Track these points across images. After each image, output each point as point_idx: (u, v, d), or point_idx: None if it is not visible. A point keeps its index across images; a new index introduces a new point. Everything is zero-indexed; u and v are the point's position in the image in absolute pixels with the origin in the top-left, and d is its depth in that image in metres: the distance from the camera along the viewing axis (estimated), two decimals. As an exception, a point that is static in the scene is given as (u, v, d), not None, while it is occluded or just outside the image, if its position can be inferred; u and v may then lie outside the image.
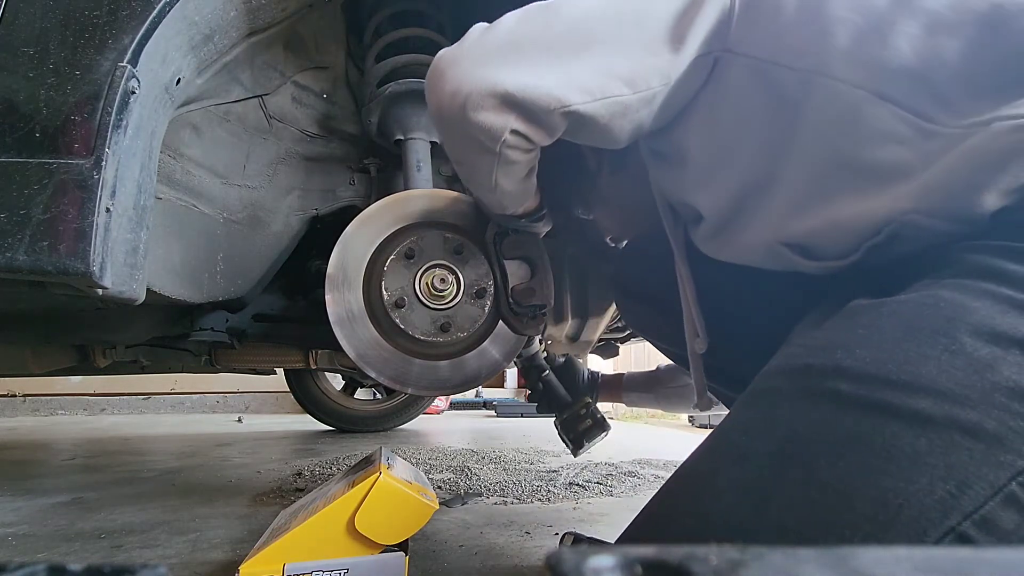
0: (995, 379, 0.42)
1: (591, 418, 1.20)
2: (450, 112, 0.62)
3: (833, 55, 0.54)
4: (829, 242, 0.60)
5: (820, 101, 0.55)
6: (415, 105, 1.13)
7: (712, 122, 0.65)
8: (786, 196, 0.60)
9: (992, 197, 0.51)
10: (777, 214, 0.62)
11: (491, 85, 0.59)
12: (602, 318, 1.59)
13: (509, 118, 0.61)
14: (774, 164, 0.60)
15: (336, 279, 0.92)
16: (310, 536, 0.85)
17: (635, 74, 0.60)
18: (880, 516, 0.40)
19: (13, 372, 1.87)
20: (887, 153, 0.53)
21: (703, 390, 0.86)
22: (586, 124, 0.62)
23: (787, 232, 0.62)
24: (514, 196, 0.79)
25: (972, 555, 0.16)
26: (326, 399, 3.10)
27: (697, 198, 0.71)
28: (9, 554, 1.10)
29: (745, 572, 0.15)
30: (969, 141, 0.49)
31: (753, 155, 0.62)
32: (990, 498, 0.39)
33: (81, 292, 0.69)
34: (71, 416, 4.50)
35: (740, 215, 0.66)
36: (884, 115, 0.52)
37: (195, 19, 0.78)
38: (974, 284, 0.48)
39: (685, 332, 0.84)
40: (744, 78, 0.60)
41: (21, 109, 0.67)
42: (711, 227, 0.71)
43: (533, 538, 1.20)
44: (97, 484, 1.75)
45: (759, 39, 0.59)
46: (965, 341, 0.44)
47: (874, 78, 0.52)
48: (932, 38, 0.51)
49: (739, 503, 0.45)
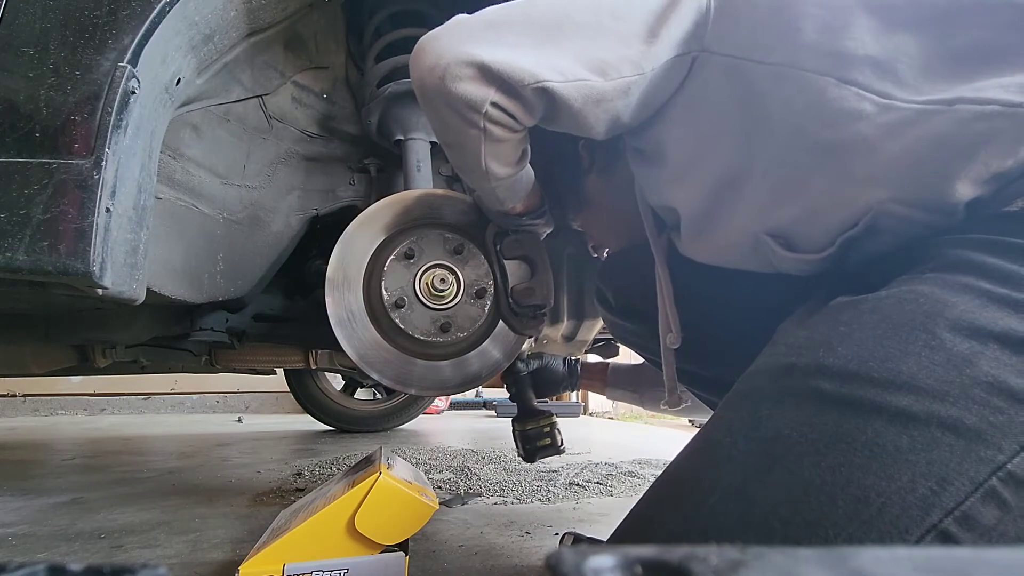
0: (974, 374, 0.42)
1: (550, 438, 1.21)
2: (431, 84, 0.64)
3: (801, 48, 0.57)
4: (810, 230, 0.61)
5: (789, 91, 0.57)
6: (415, 105, 1.13)
7: (689, 119, 0.66)
8: (763, 185, 0.62)
9: (964, 186, 0.51)
10: (757, 204, 0.63)
11: (467, 56, 0.61)
12: (598, 319, 1.59)
13: (489, 90, 0.62)
14: (749, 155, 0.62)
15: (336, 279, 0.92)
16: (310, 536, 0.85)
17: (607, 62, 0.62)
18: (862, 514, 0.40)
19: (13, 372, 1.88)
20: (849, 131, 0.54)
21: (673, 386, 0.87)
22: (560, 107, 0.64)
23: (769, 221, 0.63)
24: (509, 188, 0.79)
25: (972, 555, 0.16)
26: (326, 399, 3.10)
27: (674, 195, 0.73)
28: (9, 554, 1.10)
29: (745, 572, 0.15)
30: (933, 123, 0.51)
31: (728, 148, 0.64)
32: (970, 494, 0.40)
33: (81, 292, 0.69)
34: (71, 416, 4.50)
35: (719, 208, 0.67)
36: (847, 95, 0.54)
37: (195, 19, 0.78)
38: (952, 278, 0.48)
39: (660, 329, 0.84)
40: (720, 75, 0.62)
41: (21, 109, 0.67)
42: (691, 225, 0.72)
43: (533, 538, 1.20)
44: (97, 484, 1.75)
45: (734, 38, 0.61)
46: (944, 336, 0.45)
47: (839, 66, 0.55)
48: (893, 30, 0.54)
49: (724, 505, 0.45)
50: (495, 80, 0.62)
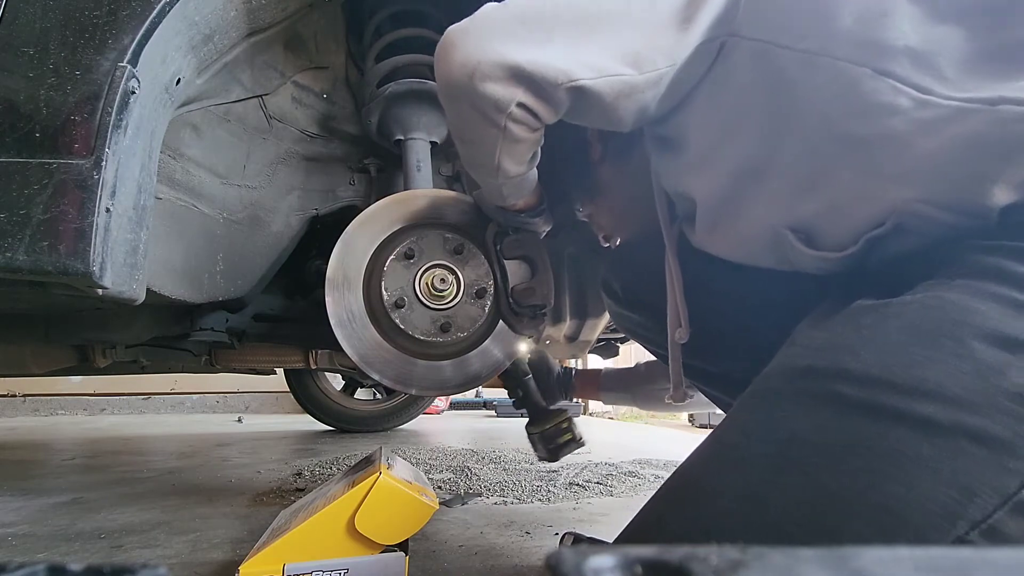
0: (1003, 384, 0.41)
1: (570, 433, 1.18)
2: (459, 81, 0.63)
3: (836, 35, 0.54)
4: (833, 227, 0.59)
5: (820, 80, 0.55)
6: (415, 105, 1.13)
7: (713, 105, 0.64)
8: (786, 177, 0.60)
9: (1001, 191, 0.49)
10: (779, 196, 0.61)
11: (500, 56, 0.60)
12: (601, 318, 1.59)
13: (517, 91, 0.61)
14: (773, 145, 0.60)
15: (336, 279, 0.92)
16: (310, 536, 0.85)
17: (642, 55, 0.60)
18: (883, 522, 0.39)
19: (13, 372, 1.88)
20: (881, 125, 0.52)
21: (679, 382, 0.86)
22: (591, 102, 0.62)
23: (791, 215, 0.61)
24: (516, 184, 0.78)
25: (972, 555, 0.16)
26: (326, 399, 3.11)
27: (693, 183, 0.71)
28: (9, 554, 1.10)
29: (745, 572, 0.15)
30: (972, 122, 0.48)
31: (752, 137, 0.61)
32: (999, 507, 0.38)
33: (81, 292, 0.69)
34: (71, 416, 4.50)
35: (738, 199, 0.65)
36: (883, 88, 0.51)
37: (195, 19, 0.78)
38: (981, 286, 0.47)
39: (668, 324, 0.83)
40: (747, 61, 0.60)
41: (21, 109, 0.67)
42: (708, 215, 0.70)
43: (533, 538, 1.20)
44: (97, 484, 1.74)
45: (764, 22, 0.58)
46: (972, 345, 0.43)
47: (875, 56, 0.52)
48: (936, 20, 0.51)
49: (737, 507, 0.44)
50: (525, 81, 0.60)
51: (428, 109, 1.14)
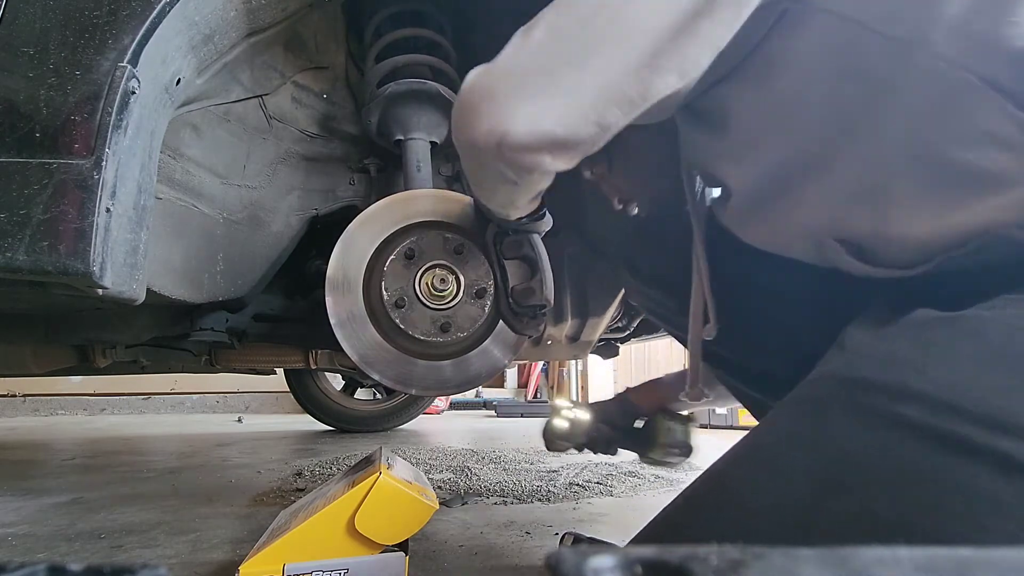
0: None
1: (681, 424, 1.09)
2: (485, 147, 0.57)
3: (938, 24, 0.43)
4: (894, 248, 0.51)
5: (910, 79, 0.45)
6: (415, 105, 1.13)
7: (764, 87, 0.55)
8: (845, 184, 0.51)
9: None
10: (829, 204, 0.53)
11: (529, 124, 0.53)
12: (602, 318, 1.59)
13: (546, 157, 0.56)
14: (835, 143, 0.51)
15: (336, 279, 0.92)
16: (310, 536, 0.85)
17: (685, 59, 0.50)
18: None
19: (13, 372, 1.88)
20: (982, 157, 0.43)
21: (697, 378, 0.81)
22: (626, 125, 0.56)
23: (843, 227, 0.53)
24: (523, 208, 0.78)
25: (972, 555, 0.16)
26: (326, 399, 3.11)
27: (731, 171, 0.63)
28: (9, 554, 1.10)
29: (745, 572, 0.15)
30: None
31: (811, 128, 0.52)
32: None
33: (81, 292, 0.69)
34: (71, 416, 4.50)
35: (783, 196, 0.57)
36: (990, 108, 0.42)
37: (195, 19, 0.78)
38: None
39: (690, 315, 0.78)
40: (817, 36, 0.49)
41: (21, 109, 0.67)
42: (743, 204, 0.63)
43: (533, 538, 1.20)
44: (97, 484, 1.74)
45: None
46: None
47: (986, 60, 0.42)
48: None
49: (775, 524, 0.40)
50: (559, 146, 0.54)
51: (428, 109, 1.14)
